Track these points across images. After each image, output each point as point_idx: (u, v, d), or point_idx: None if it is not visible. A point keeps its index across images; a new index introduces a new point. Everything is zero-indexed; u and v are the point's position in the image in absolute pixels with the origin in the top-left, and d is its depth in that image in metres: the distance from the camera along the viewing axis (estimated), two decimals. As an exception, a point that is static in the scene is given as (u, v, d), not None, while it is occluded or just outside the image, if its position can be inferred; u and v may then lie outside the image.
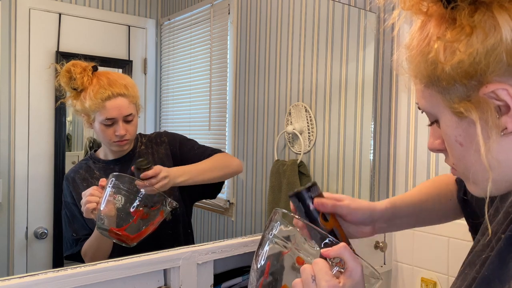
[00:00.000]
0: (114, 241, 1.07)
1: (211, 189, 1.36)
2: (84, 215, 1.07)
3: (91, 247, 1.16)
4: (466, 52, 0.45)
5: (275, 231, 0.67)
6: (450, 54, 0.46)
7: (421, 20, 0.51)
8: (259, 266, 0.67)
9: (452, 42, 0.46)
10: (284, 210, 0.69)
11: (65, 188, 1.26)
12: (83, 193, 1.07)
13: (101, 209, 1.04)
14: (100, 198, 1.05)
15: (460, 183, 0.87)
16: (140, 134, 1.34)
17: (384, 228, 0.85)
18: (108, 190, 1.05)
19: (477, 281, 0.53)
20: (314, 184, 0.78)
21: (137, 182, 1.08)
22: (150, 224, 1.07)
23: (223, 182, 1.37)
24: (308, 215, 0.75)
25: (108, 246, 1.14)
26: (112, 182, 1.05)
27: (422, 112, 0.55)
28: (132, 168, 1.13)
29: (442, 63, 0.47)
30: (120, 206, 1.05)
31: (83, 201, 1.06)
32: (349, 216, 0.80)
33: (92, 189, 1.06)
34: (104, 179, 1.07)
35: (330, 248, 0.60)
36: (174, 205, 1.08)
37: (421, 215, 0.89)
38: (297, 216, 0.70)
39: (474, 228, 0.81)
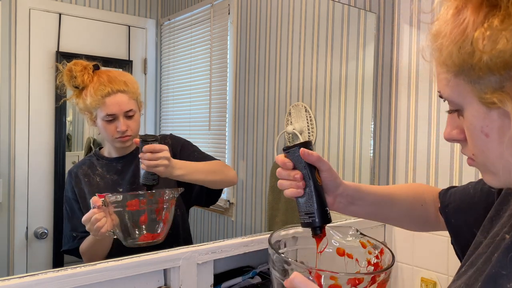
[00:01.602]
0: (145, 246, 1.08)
1: (207, 198, 1.35)
2: (98, 238, 1.08)
3: (89, 246, 1.16)
4: (510, 42, 0.43)
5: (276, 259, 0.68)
6: (491, 43, 0.44)
7: (455, 6, 0.48)
8: None
9: (499, 30, 0.44)
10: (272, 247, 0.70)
11: (68, 183, 1.27)
12: (84, 218, 1.05)
13: (118, 227, 1.06)
14: (106, 218, 1.05)
15: (443, 196, 0.84)
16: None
17: (343, 205, 0.82)
18: (113, 209, 1.06)
19: (484, 278, 0.53)
20: (310, 142, 0.80)
21: (144, 147, 1.10)
22: (166, 219, 1.10)
23: (219, 195, 1.37)
24: (309, 167, 0.76)
25: (107, 245, 1.15)
26: (114, 202, 1.06)
27: (444, 101, 0.53)
28: (137, 140, 1.13)
29: (481, 52, 0.45)
30: (131, 218, 1.07)
31: (89, 228, 1.05)
32: (325, 173, 0.78)
33: (94, 215, 1.04)
34: (97, 198, 1.05)
35: (286, 280, 0.60)
36: (180, 190, 1.12)
37: (384, 208, 0.86)
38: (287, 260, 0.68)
39: (455, 237, 0.79)
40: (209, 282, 1.01)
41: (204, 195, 1.33)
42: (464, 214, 0.77)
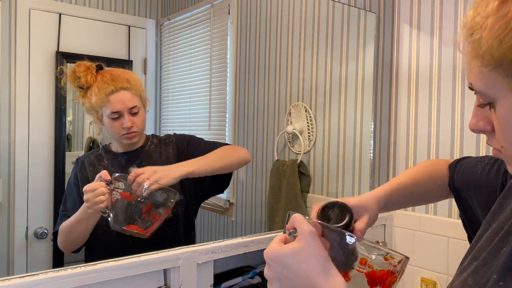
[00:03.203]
0: (128, 234, 1.10)
1: (219, 183, 1.37)
2: (91, 211, 1.08)
3: (72, 223, 1.15)
4: None
5: None
6: None
7: None
8: None
9: None
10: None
11: (73, 169, 1.30)
12: (87, 187, 1.07)
13: (111, 209, 1.08)
14: (107, 196, 1.06)
15: (452, 171, 0.89)
16: (152, 135, 1.37)
17: None
18: (114, 188, 1.08)
19: (499, 271, 0.53)
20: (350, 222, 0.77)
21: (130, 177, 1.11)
22: (158, 217, 1.12)
23: (230, 176, 1.37)
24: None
25: (89, 227, 1.15)
26: (117, 182, 1.08)
27: (475, 93, 0.53)
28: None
29: None
30: (128, 203, 1.10)
31: (90, 198, 1.06)
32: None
33: (102, 187, 1.06)
34: (106, 172, 1.08)
35: (288, 225, 0.64)
36: (180, 197, 1.13)
37: (410, 200, 0.95)
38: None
39: (464, 212, 0.85)
40: (209, 282, 1.01)
41: (216, 183, 1.35)
42: (471, 192, 0.81)
